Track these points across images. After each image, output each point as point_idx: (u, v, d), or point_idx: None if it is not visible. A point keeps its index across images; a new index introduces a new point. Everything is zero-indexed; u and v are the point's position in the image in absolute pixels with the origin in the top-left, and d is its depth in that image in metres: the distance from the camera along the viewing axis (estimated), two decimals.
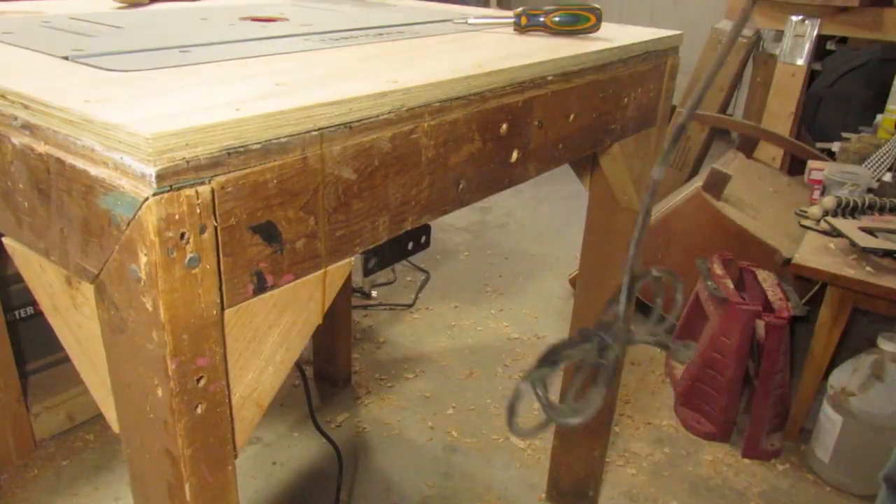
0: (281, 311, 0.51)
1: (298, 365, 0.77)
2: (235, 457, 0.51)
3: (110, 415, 0.52)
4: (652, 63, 0.92)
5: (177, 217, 0.41)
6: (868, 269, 1.38)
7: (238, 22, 0.85)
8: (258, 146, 0.45)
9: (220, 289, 0.45)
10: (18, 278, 1.38)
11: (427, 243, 0.69)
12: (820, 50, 2.73)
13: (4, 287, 1.39)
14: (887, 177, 1.88)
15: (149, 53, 0.63)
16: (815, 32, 2.10)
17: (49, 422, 1.46)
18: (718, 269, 1.62)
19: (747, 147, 2.15)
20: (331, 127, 0.50)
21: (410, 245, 0.67)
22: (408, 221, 0.60)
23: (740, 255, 1.70)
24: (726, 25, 2.47)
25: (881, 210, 1.61)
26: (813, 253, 1.45)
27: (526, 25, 0.88)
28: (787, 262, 1.51)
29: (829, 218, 1.57)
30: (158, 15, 0.89)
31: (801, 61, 2.13)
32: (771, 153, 2.20)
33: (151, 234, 0.40)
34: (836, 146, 2.15)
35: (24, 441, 1.41)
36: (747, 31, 2.35)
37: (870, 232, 1.49)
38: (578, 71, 0.78)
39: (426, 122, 0.58)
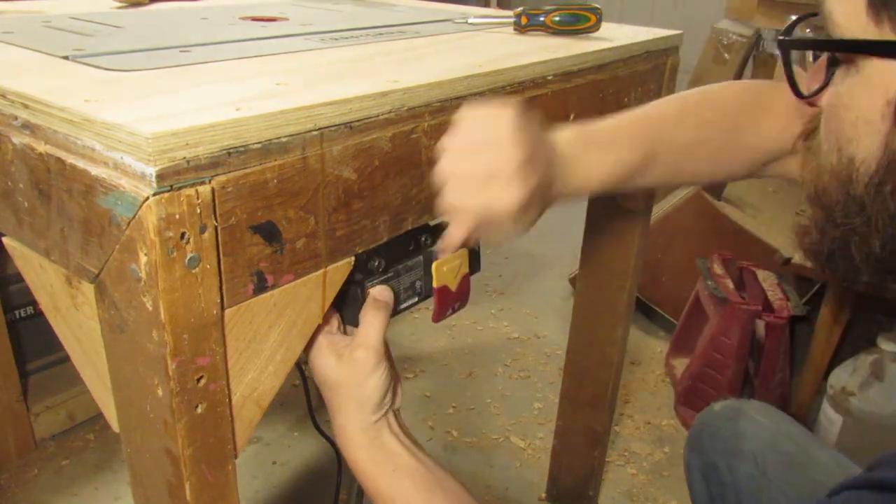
0: (281, 311, 0.51)
1: (298, 365, 0.77)
2: (235, 456, 0.51)
3: (110, 414, 0.52)
4: (652, 63, 0.92)
5: (177, 217, 0.41)
6: None
7: (238, 21, 0.85)
8: (258, 146, 0.45)
9: (221, 288, 0.45)
10: (18, 278, 1.38)
11: (431, 244, 0.69)
12: None
13: (4, 287, 1.39)
14: None
15: (149, 53, 0.63)
16: None
17: (49, 421, 1.45)
18: (718, 269, 1.62)
19: None
20: (331, 127, 0.50)
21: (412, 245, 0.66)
22: (408, 221, 0.60)
23: (740, 255, 1.69)
24: (726, 25, 2.47)
25: None
26: None
27: (526, 25, 0.88)
28: (788, 261, 1.51)
29: None
30: (158, 15, 0.89)
31: None
32: None
33: (151, 234, 0.40)
34: None
35: (24, 441, 1.41)
36: (747, 31, 2.35)
37: None
38: (578, 71, 0.78)
39: (426, 122, 0.58)
